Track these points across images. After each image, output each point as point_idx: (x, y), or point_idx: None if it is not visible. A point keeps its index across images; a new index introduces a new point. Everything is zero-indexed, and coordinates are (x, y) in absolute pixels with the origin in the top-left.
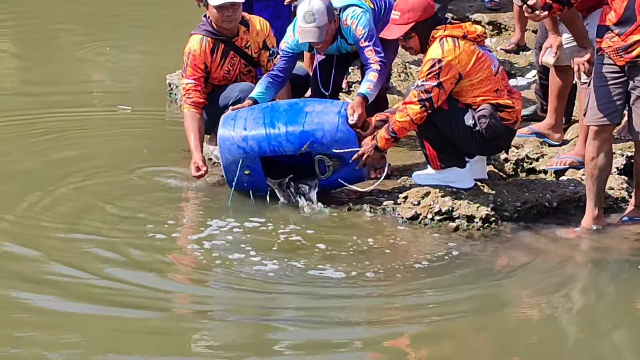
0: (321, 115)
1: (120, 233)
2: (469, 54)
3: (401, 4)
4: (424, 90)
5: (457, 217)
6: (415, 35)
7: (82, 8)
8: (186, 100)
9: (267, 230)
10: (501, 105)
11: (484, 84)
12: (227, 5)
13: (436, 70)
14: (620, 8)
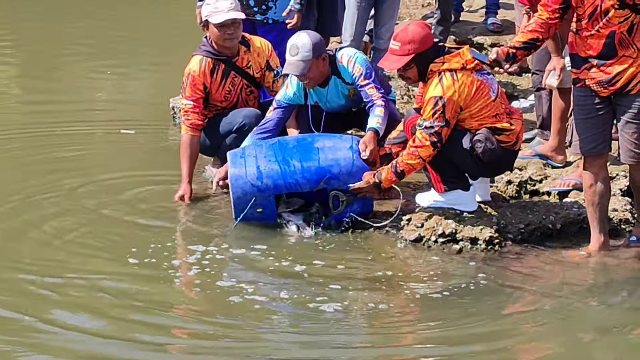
0: (334, 151)
1: (103, 261)
2: (468, 85)
3: (401, 35)
4: (434, 132)
5: (460, 239)
6: (414, 66)
7: (85, 31)
8: (184, 122)
9: (269, 256)
10: (499, 129)
11: (482, 111)
12: (228, 22)
13: (440, 108)
14: (599, 45)
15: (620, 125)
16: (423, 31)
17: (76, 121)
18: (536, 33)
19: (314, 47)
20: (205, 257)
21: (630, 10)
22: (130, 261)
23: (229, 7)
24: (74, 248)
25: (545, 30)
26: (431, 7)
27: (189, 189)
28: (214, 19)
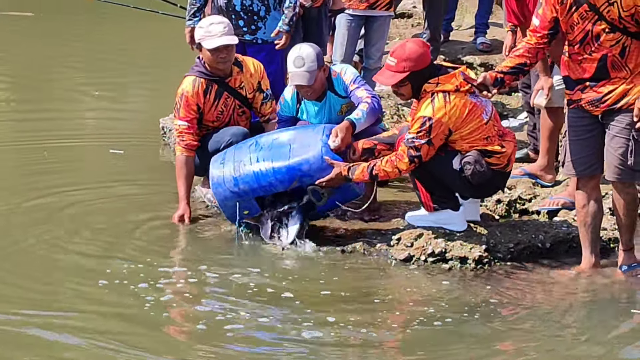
0: (305, 147)
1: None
2: (460, 108)
3: (398, 51)
4: (414, 147)
5: (450, 258)
6: (408, 83)
7: (74, 51)
8: (179, 143)
9: (253, 276)
10: (489, 151)
11: (473, 134)
12: (221, 47)
13: (426, 128)
14: (591, 68)
15: (607, 141)
16: (420, 50)
17: (65, 140)
18: (524, 58)
19: (318, 57)
20: (182, 279)
21: (621, 33)
22: (101, 283)
23: (221, 32)
24: (51, 263)
25: (533, 55)
26: (421, 26)
27: (188, 209)
28: (207, 44)
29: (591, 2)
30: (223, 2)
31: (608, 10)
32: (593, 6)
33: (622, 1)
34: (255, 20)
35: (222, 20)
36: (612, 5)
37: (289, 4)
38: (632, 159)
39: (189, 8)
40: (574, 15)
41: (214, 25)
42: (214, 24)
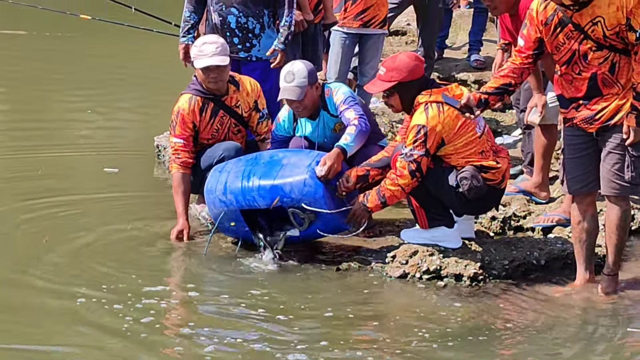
0: (292, 168)
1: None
2: (453, 119)
3: (388, 62)
4: (413, 160)
5: (445, 275)
6: (396, 94)
7: (69, 68)
8: (175, 160)
9: (248, 296)
10: (485, 167)
11: (467, 147)
12: (212, 67)
13: (422, 137)
14: (583, 86)
15: (602, 157)
16: (411, 62)
17: (59, 157)
18: (509, 78)
19: (309, 74)
20: (172, 298)
21: (608, 50)
22: (79, 302)
23: (213, 52)
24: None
25: (518, 75)
26: (415, 44)
27: (187, 225)
28: (198, 63)
29: (575, 22)
30: (218, 20)
31: (592, 29)
32: (578, 26)
33: (605, 20)
34: (250, 37)
35: (216, 40)
36: (596, 25)
37: (285, 22)
38: (630, 173)
39: (183, 25)
40: (559, 36)
41: (207, 45)
42: (207, 43)
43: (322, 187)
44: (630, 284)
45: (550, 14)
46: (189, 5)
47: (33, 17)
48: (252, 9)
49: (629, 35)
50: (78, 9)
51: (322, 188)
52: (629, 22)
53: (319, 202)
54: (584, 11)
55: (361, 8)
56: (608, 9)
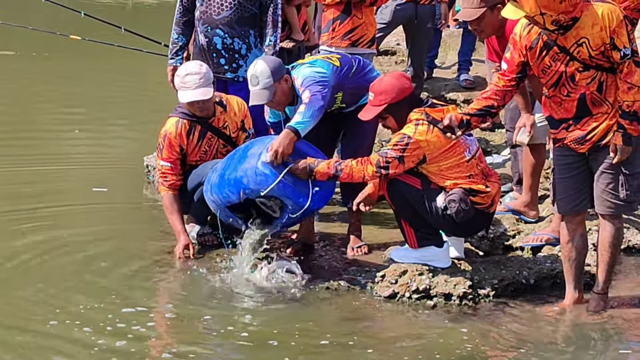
0: (250, 159)
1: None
2: (441, 140)
3: (376, 85)
4: (385, 159)
5: (434, 295)
6: (389, 115)
7: (58, 88)
8: (163, 183)
9: (237, 317)
10: (474, 190)
11: (454, 170)
12: (194, 101)
13: (403, 145)
14: (572, 107)
15: (595, 176)
16: (397, 82)
17: (47, 175)
18: (491, 100)
19: (273, 73)
20: (163, 320)
21: (595, 70)
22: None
23: (196, 84)
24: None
25: (501, 98)
26: (404, 64)
27: (189, 240)
28: (182, 97)
29: (560, 45)
30: (204, 41)
31: (578, 51)
32: (563, 48)
33: (590, 41)
34: (236, 58)
35: (199, 70)
36: (581, 46)
37: (269, 42)
38: (624, 191)
39: (171, 47)
40: (545, 59)
41: (190, 76)
42: (190, 74)
43: (274, 174)
44: (619, 302)
45: (534, 37)
46: (177, 27)
47: (23, 37)
48: (237, 30)
49: (613, 54)
50: (68, 29)
51: (273, 174)
52: (613, 42)
53: (276, 188)
54: (568, 34)
55: (349, 27)
56: (592, 30)
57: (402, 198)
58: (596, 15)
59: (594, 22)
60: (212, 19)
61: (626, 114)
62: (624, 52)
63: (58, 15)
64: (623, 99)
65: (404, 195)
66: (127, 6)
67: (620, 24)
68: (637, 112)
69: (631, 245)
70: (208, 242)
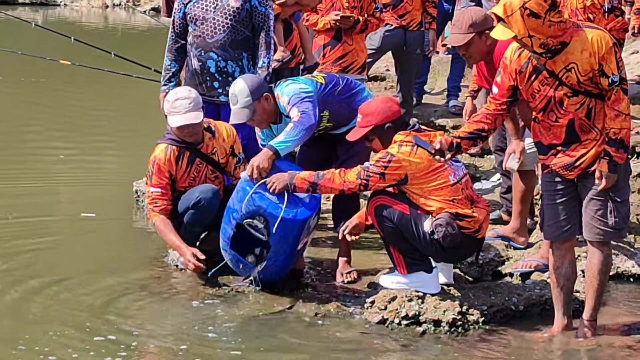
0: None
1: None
2: (424, 161)
3: (364, 107)
4: (366, 173)
5: (424, 321)
6: (375, 137)
7: (49, 112)
8: (153, 209)
9: (223, 345)
10: (460, 215)
11: (436, 192)
12: (184, 125)
13: (385, 162)
14: (561, 133)
15: (584, 203)
16: (385, 105)
17: (36, 201)
18: (482, 124)
19: (252, 91)
20: (148, 350)
21: (584, 96)
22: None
23: (186, 108)
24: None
25: (492, 122)
26: (394, 89)
27: (192, 248)
28: (172, 121)
29: (549, 69)
30: (197, 65)
31: (567, 76)
32: (552, 72)
33: (579, 66)
34: (230, 81)
35: (188, 95)
36: (570, 71)
37: (263, 64)
38: (613, 218)
39: (164, 74)
40: (534, 84)
41: (180, 101)
42: (179, 99)
43: (251, 186)
44: (608, 329)
45: (524, 62)
46: (169, 54)
47: (12, 62)
48: (231, 53)
49: (602, 81)
50: (58, 54)
51: (251, 187)
52: (602, 68)
53: (251, 200)
54: (557, 58)
55: (340, 53)
56: (581, 55)
57: (390, 224)
58: (586, 40)
59: (584, 47)
60: (206, 42)
61: (613, 142)
62: (612, 79)
63: (48, 41)
64: (610, 126)
65: (392, 221)
66: (117, 32)
67: (610, 50)
68: (623, 139)
69: (620, 272)
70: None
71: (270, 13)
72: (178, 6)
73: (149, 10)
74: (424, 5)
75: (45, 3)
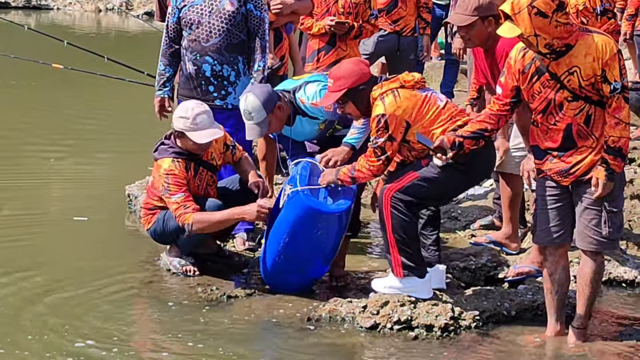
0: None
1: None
2: (410, 99)
3: (334, 72)
4: (378, 147)
5: (416, 326)
6: (350, 101)
7: (41, 116)
8: (185, 212)
9: (212, 349)
10: (461, 126)
11: (436, 121)
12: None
13: (383, 125)
14: (558, 137)
15: (578, 212)
16: (355, 67)
17: (27, 205)
18: (485, 124)
19: (264, 106)
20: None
21: (584, 101)
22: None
23: (209, 123)
24: None
25: (495, 122)
26: None
27: (257, 202)
28: (197, 137)
29: (552, 71)
30: (192, 69)
31: (568, 79)
32: (554, 75)
33: (581, 70)
34: (225, 85)
35: (205, 109)
36: (572, 75)
37: (258, 67)
38: (607, 229)
39: (158, 78)
40: (535, 85)
41: (200, 116)
42: (199, 114)
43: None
44: (600, 335)
45: (527, 62)
46: (163, 58)
47: (4, 65)
48: (226, 57)
49: (603, 87)
50: (50, 58)
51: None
52: (604, 74)
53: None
54: (561, 60)
55: (334, 58)
56: (584, 59)
57: (403, 209)
58: (591, 45)
59: (588, 52)
60: (201, 46)
61: (611, 150)
62: (614, 86)
63: (41, 44)
64: (609, 134)
65: (408, 204)
66: (110, 36)
67: (614, 57)
68: (622, 148)
69: (612, 278)
70: (189, 272)
71: (265, 17)
72: (172, 11)
73: (142, 14)
74: (417, 10)
75: (38, 7)
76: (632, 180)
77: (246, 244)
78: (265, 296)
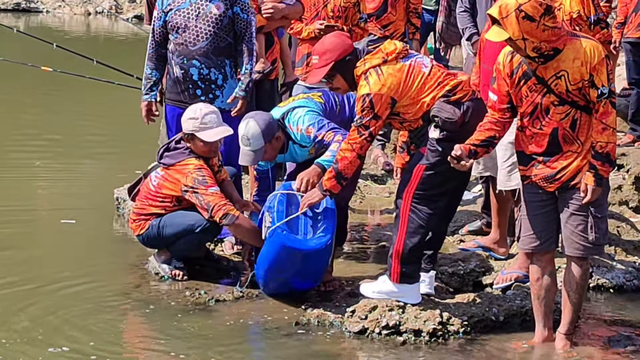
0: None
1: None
2: (394, 75)
3: (318, 47)
4: (362, 125)
5: (404, 331)
6: (338, 74)
7: (30, 120)
8: (226, 206)
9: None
10: (450, 90)
11: (423, 90)
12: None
13: (368, 104)
14: (543, 142)
15: (564, 218)
16: (338, 39)
17: (15, 208)
18: (492, 131)
19: (264, 135)
20: None
21: (570, 106)
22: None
23: (218, 122)
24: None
25: (501, 128)
26: None
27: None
28: (208, 136)
29: (539, 75)
30: (180, 73)
31: (556, 83)
32: (541, 79)
33: (569, 75)
34: (212, 88)
35: (213, 109)
36: (560, 79)
37: (245, 70)
38: (593, 234)
39: (145, 82)
40: (522, 88)
41: (209, 115)
42: (208, 114)
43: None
44: (587, 341)
45: (515, 66)
46: (150, 62)
47: None
48: (214, 60)
49: (590, 92)
50: (39, 61)
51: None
52: (592, 79)
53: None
54: (549, 64)
55: None
56: (572, 64)
57: (419, 218)
58: (579, 49)
59: (576, 56)
60: (188, 50)
61: (599, 155)
62: (602, 91)
63: (30, 47)
64: (597, 139)
65: (427, 201)
66: (99, 39)
67: (602, 62)
68: (609, 154)
69: (599, 284)
70: (177, 276)
71: (252, 20)
72: (158, 14)
73: (131, 18)
74: (407, 15)
75: (28, 9)
76: (620, 186)
77: (234, 247)
78: (253, 300)
